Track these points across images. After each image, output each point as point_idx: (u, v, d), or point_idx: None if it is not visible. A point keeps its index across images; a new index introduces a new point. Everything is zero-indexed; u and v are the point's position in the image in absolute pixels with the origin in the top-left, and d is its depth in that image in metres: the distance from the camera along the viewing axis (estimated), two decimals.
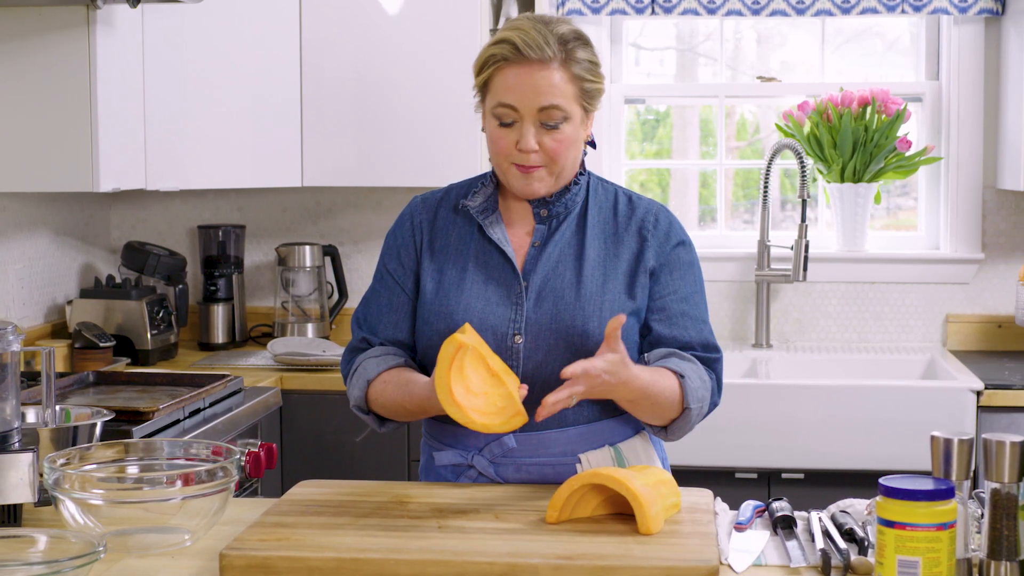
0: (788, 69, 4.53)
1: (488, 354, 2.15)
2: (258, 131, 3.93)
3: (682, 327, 2.31)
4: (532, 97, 2.22)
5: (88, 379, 3.33)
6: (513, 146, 2.26)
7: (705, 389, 2.27)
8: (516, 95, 2.23)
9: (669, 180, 4.63)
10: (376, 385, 2.31)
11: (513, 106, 2.24)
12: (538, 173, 2.27)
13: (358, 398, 2.34)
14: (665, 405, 2.21)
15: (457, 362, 2.08)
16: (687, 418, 2.24)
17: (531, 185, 2.29)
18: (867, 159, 4.20)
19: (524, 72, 2.23)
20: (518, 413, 2.09)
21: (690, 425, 2.27)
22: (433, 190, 2.47)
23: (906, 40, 4.52)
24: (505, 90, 2.24)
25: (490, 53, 2.26)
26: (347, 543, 1.89)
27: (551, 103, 2.22)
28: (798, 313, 4.34)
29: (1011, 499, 1.78)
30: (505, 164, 2.29)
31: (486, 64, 2.27)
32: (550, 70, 2.22)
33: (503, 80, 2.24)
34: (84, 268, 4.20)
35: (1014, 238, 4.25)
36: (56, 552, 1.85)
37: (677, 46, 4.62)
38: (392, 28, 3.93)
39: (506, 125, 2.26)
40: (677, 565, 1.80)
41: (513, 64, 2.23)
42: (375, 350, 2.37)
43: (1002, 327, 4.25)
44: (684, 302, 2.33)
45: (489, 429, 2.09)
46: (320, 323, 4.29)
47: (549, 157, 2.26)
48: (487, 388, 2.11)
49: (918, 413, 3.60)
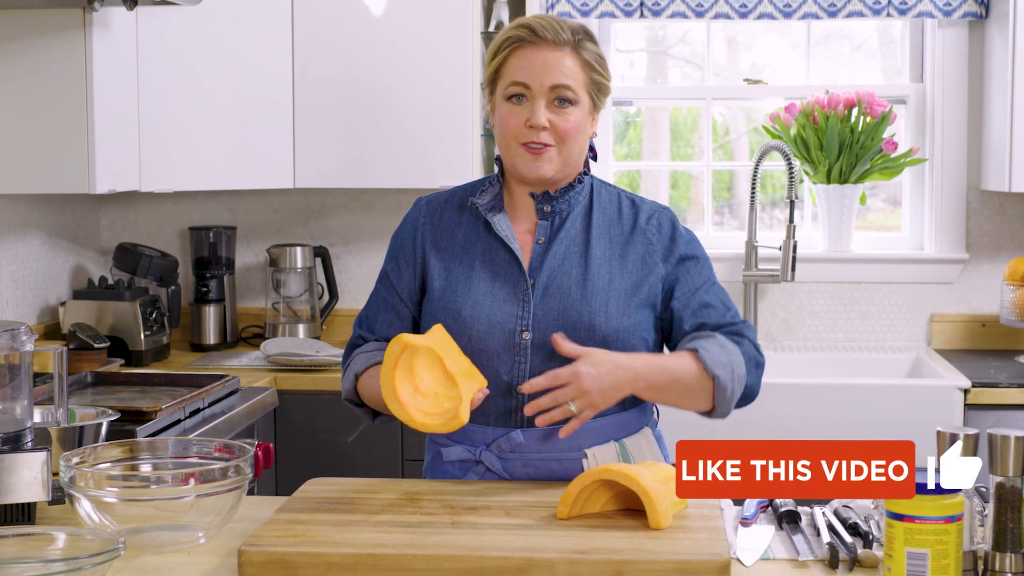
0: (758, 71, 4.57)
1: (450, 355, 2.21)
2: (251, 133, 3.95)
3: (705, 316, 2.36)
4: (544, 75, 2.30)
5: (86, 380, 3.34)
6: (523, 124, 2.31)
7: (730, 354, 2.29)
8: (529, 73, 2.30)
9: (639, 182, 4.66)
10: (363, 379, 2.37)
11: (525, 83, 2.30)
12: (548, 153, 2.32)
13: (348, 391, 2.42)
14: (688, 381, 2.25)
15: (405, 361, 2.16)
16: (721, 388, 2.26)
17: (540, 167, 2.33)
18: (853, 160, 4.25)
19: (539, 52, 2.31)
20: (455, 416, 2.15)
21: (731, 394, 2.28)
22: (438, 191, 2.51)
23: (874, 42, 4.58)
24: (519, 69, 2.31)
25: (506, 36, 2.34)
26: (363, 539, 1.92)
27: (562, 82, 2.30)
28: (785, 313, 4.38)
29: (1015, 492, 1.82)
30: (514, 145, 2.34)
31: (502, 47, 2.34)
32: (563, 52, 2.31)
33: (517, 60, 2.32)
34: (76, 270, 4.21)
35: (998, 238, 4.31)
36: (75, 550, 1.87)
37: (648, 48, 4.67)
38: (384, 31, 3.96)
39: (516, 104, 2.32)
40: (690, 559, 1.83)
41: (528, 45, 2.31)
42: (368, 345, 2.44)
43: (986, 326, 4.30)
44: (703, 293, 2.37)
45: (428, 429, 2.17)
46: (311, 324, 4.31)
47: (559, 136, 2.31)
48: (439, 389, 2.19)
49: (906, 411, 3.64)
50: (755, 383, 2.37)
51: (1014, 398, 3.64)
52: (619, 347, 2.30)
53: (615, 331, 2.31)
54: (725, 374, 2.27)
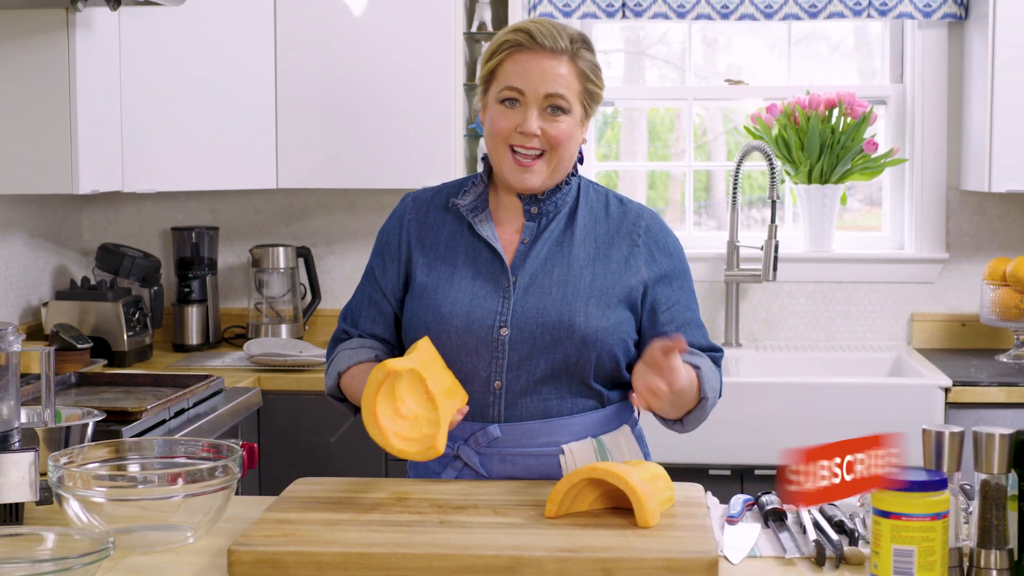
0: (735, 72, 4.59)
1: (433, 374, 2.21)
2: (234, 133, 3.95)
3: (690, 335, 2.39)
4: (540, 82, 2.30)
5: (70, 380, 3.33)
6: (514, 128, 2.32)
7: (717, 380, 2.37)
8: (525, 79, 2.30)
9: (617, 182, 4.67)
10: (345, 378, 2.39)
11: (520, 89, 2.31)
12: (536, 166, 2.33)
13: (331, 387, 2.43)
14: (687, 397, 2.28)
15: (387, 386, 2.16)
16: (703, 408, 2.32)
17: (527, 178, 2.34)
18: (834, 161, 4.27)
19: (536, 58, 2.31)
20: (432, 447, 2.16)
21: (705, 415, 2.34)
22: (425, 188, 2.52)
23: (850, 43, 4.60)
24: (515, 74, 2.31)
25: (504, 39, 2.34)
26: (352, 538, 1.93)
27: (557, 91, 2.30)
28: (767, 312, 4.40)
29: (1000, 490, 1.84)
30: (502, 149, 2.34)
31: (498, 50, 2.34)
32: (560, 61, 2.31)
33: (513, 64, 2.32)
34: (58, 270, 4.20)
35: (977, 238, 4.34)
36: (64, 550, 1.87)
37: (626, 49, 4.68)
38: (367, 32, 3.96)
39: (509, 108, 2.32)
40: (678, 556, 1.84)
41: (526, 50, 2.31)
42: (353, 342, 2.45)
43: (966, 325, 4.33)
44: (688, 310, 2.42)
45: (405, 455, 2.18)
46: (294, 324, 4.31)
47: (550, 144, 2.32)
48: (419, 411, 2.20)
49: (887, 410, 3.66)
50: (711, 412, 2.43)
51: (994, 397, 3.66)
52: (598, 347, 2.32)
53: (594, 331, 2.32)
54: (712, 398, 2.34)
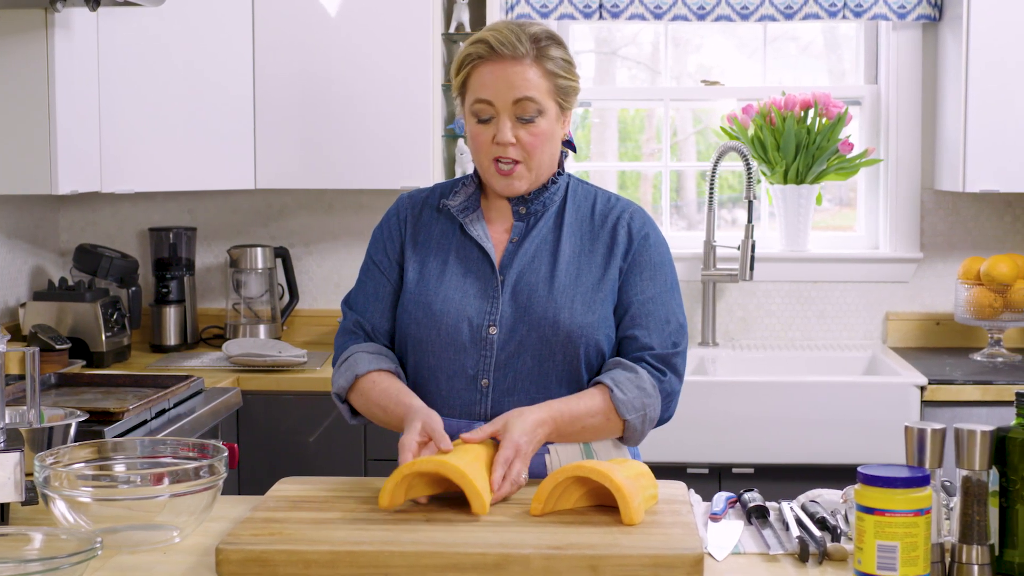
0: (706, 72, 4.61)
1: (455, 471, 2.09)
2: (212, 134, 3.95)
3: (644, 328, 2.38)
4: (506, 91, 2.32)
5: (50, 381, 3.32)
6: (491, 141, 2.35)
7: (645, 397, 2.33)
8: (491, 90, 2.33)
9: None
10: (363, 383, 2.38)
11: (489, 101, 2.33)
12: (517, 171, 2.37)
13: (342, 388, 2.42)
14: (596, 424, 2.31)
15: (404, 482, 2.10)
16: (631, 429, 2.33)
17: (511, 185, 2.39)
18: (809, 161, 4.30)
19: (498, 68, 2.33)
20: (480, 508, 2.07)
21: (639, 433, 2.35)
22: (420, 188, 2.56)
23: (820, 44, 4.64)
24: (481, 86, 2.34)
25: (467, 53, 2.37)
26: (340, 536, 1.94)
27: (524, 95, 2.32)
28: (743, 312, 4.43)
29: (982, 486, 1.86)
30: (486, 162, 2.38)
31: (463, 63, 2.37)
32: (523, 66, 2.33)
33: (479, 77, 2.34)
34: (35, 271, 4.19)
35: (951, 238, 4.37)
36: (52, 550, 1.87)
37: (597, 50, 4.70)
38: (345, 33, 3.97)
39: (484, 122, 2.35)
40: (664, 553, 1.86)
41: (488, 61, 2.33)
42: (369, 345, 2.45)
43: (940, 324, 4.36)
44: (650, 303, 2.39)
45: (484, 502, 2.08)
46: (271, 325, 4.31)
47: (526, 151, 2.35)
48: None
49: (864, 408, 3.69)
50: (670, 415, 2.42)
51: (969, 395, 3.70)
52: (583, 343, 2.34)
53: (579, 327, 2.34)
54: (636, 418, 2.33)
